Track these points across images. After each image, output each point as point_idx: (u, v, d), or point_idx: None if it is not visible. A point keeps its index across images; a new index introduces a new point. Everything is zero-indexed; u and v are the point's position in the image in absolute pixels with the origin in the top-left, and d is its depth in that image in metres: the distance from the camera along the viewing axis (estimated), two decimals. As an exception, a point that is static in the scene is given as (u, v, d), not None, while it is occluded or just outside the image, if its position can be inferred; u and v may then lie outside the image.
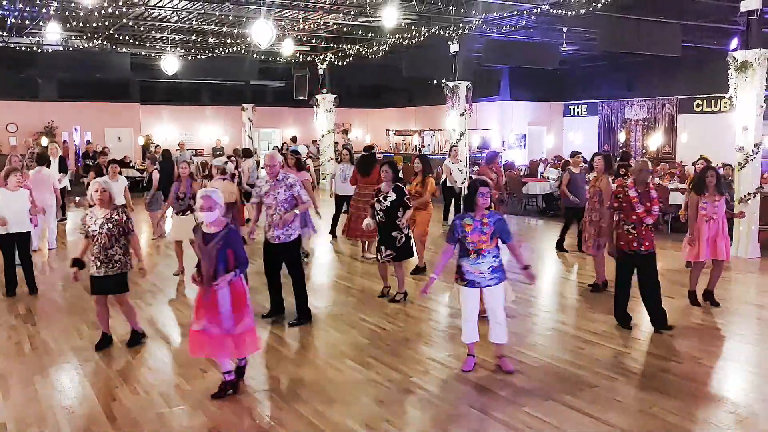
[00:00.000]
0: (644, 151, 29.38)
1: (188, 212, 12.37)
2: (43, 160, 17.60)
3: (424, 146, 35.20)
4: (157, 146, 29.11)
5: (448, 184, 18.81)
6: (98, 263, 8.26)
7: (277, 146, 32.44)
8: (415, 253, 11.69)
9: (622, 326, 9.42)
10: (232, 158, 20.73)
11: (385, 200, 10.45)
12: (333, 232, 16.83)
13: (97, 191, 8.24)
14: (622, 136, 30.61)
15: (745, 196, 14.57)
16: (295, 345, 8.96)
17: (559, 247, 15.33)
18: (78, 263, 8.39)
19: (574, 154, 15.55)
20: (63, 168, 18.63)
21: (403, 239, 10.66)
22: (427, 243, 13.08)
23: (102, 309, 8.59)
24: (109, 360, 8.21)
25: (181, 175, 12.68)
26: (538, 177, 23.71)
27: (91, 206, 8.51)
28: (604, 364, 8.08)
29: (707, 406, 6.97)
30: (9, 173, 11.20)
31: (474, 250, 7.45)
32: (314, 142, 32.24)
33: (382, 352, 8.53)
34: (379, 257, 10.78)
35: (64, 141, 29.28)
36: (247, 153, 21.25)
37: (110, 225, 8.23)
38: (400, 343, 8.90)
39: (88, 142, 27.83)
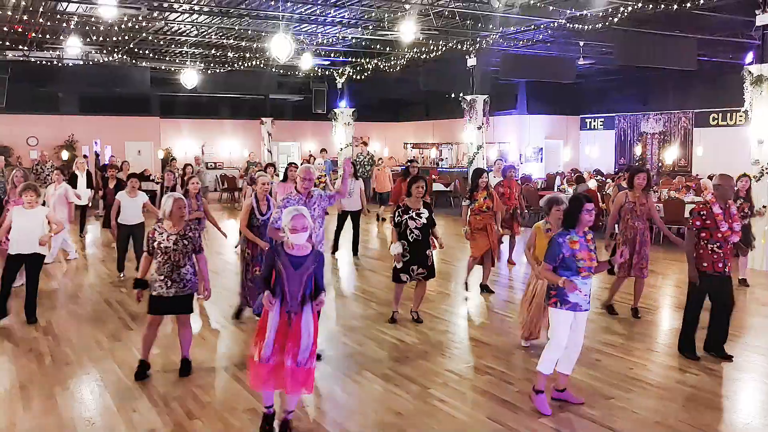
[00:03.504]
0: (660, 164, 29.36)
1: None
2: (73, 177, 17.84)
3: (442, 159, 35.29)
4: (173, 159, 29.24)
5: None
6: (169, 282, 7.79)
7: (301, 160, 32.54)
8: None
9: (687, 356, 8.82)
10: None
11: (420, 217, 10.04)
12: (336, 248, 16.34)
13: (180, 208, 7.84)
14: (638, 150, 30.60)
15: (761, 208, 14.54)
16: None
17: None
18: (142, 284, 7.92)
19: (627, 170, 15.04)
20: (90, 183, 18.60)
21: (432, 257, 10.37)
22: (440, 254, 12.90)
23: (153, 332, 8.07)
24: (128, 371, 8.23)
25: (191, 191, 12.00)
26: (555, 190, 23.70)
27: (159, 221, 8.09)
28: (620, 376, 8.10)
29: (723, 417, 6.98)
30: (23, 191, 10.34)
31: (585, 268, 6.98)
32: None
33: (400, 364, 8.57)
34: (407, 278, 10.19)
35: (85, 155, 29.43)
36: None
37: (185, 242, 7.84)
38: (418, 355, 8.94)
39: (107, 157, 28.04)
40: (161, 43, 23.03)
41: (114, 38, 21.22)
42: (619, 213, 10.86)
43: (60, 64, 24.95)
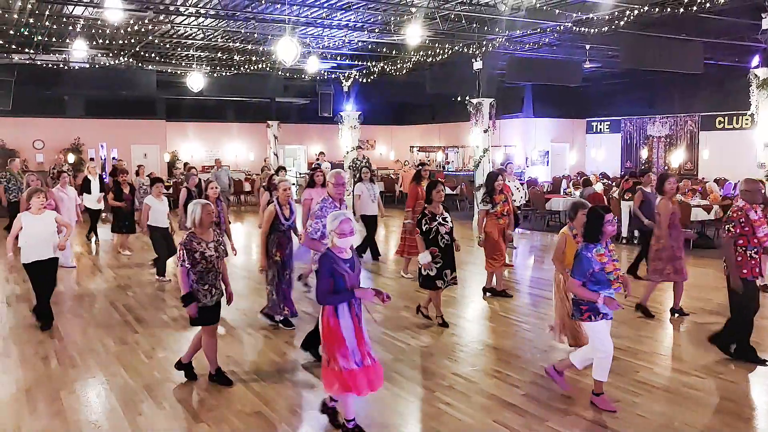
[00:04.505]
0: (666, 167, 29.32)
1: None
2: (86, 181, 17.85)
3: (448, 162, 35.30)
4: (186, 164, 29.12)
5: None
6: (213, 290, 7.64)
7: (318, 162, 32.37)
8: None
9: (754, 360, 8.69)
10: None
11: (446, 222, 10.03)
12: (376, 254, 16.05)
13: (209, 214, 7.56)
14: (644, 153, 30.58)
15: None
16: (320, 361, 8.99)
17: (632, 272, 13.89)
18: (193, 297, 7.56)
19: (645, 172, 14.77)
20: (103, 188, 18.55)
21: None
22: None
23: (213, 340, 7.91)
24: (134, 375, 8.27)
25: (210, 196, 11.51)
26: (561, 193, 23.69)
27: (187, 229, 7.72)
28: (627, 379, 8.09)
29: (728, 420, 6.95)
30: (32, 195, 10.13)
31: (615, 280, 6.97)
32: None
33: (406, 367, 8.56)
34: (442, 283, 10.13)
35: (91, 158, 29.44)
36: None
37: (222, 247, 7.77)
38: (424, 359, 8.94)
39: (113, 158, 28.00)
40: (167, 46, 23.06)
41: (120, 41, 21.24)
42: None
43: (66, 67, 24.98)
